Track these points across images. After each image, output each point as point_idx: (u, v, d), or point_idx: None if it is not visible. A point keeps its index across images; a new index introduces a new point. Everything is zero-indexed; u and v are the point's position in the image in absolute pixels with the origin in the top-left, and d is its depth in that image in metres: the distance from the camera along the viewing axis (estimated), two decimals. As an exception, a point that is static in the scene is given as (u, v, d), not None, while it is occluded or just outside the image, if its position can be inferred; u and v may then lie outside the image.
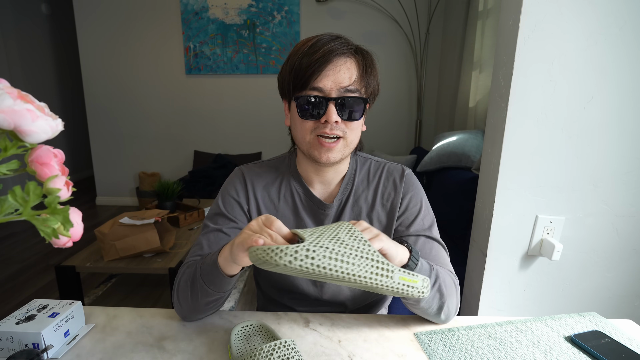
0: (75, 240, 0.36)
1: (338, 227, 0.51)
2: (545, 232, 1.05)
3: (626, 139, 0.98)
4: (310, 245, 0.44)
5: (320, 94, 0.65)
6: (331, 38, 0.66)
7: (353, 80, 0.66)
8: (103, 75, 3.55)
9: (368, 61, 0.69)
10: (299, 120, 0.68)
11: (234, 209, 0.76)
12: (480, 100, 2.40)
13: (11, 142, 0.31)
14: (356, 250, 0.47)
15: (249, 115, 3.61)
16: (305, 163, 0.76)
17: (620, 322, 0.73)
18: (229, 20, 3.38)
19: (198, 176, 3.21)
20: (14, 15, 3.75)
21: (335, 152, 0.68)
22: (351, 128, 0.68)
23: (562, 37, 0.93)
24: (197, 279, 0.64)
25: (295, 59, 0.66)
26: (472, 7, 2.57)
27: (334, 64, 0.64)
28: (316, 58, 0.64)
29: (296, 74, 0.65)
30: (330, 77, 0.64)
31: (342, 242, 0.47)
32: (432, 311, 0.66)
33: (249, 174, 0.78)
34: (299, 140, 0.71)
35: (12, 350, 0.58)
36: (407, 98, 3.49)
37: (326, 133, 0.66)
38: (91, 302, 2.00)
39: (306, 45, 0.66)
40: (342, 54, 0.65)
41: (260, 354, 0.54)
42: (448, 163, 2.08)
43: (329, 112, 0.65)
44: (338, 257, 0.45)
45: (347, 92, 0.66)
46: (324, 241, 0.46)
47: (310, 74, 0.64)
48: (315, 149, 0.68)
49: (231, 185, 0.78)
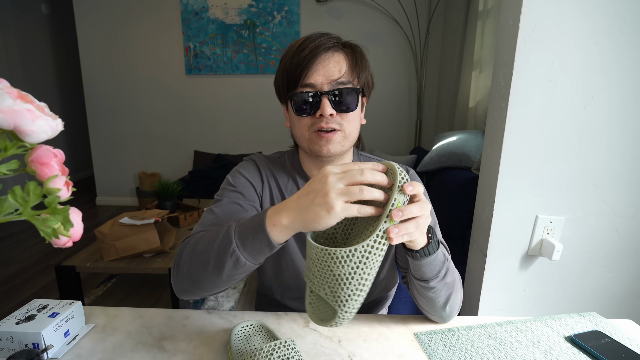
0: (75, 240, 0.36)
1: None
2: (545, 232, 1.05)
3: (626, 138, 0.98)
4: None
5: (313, 89, 0.66)
6: (318, 35, 0.68)
7: (343, 73, 0.67)
8: (103, 75, 3.55)
9: (357, 53, 0.70)
10: (295, 118, 0.69)
11: (246, 188, 0.74)
12: (480, 100, 2.40)
13: (11, 142, 0.31)
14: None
15: (249, 115, 3.61)
16: (308, 161, 0.77)
17: (620, 322, 0.72)
18: (229, 20, 3.38)
19: (198, 176, 3.21)
20: (14, 15, 3.75)
21: (335, 143, 0.68)
22: (347, 120, 0.69)
23: (562, 37, 0.93)
24: (225, 243, 0.54)
25: (286, 61, 0.67)
26: (472, 7, 2.57)
27: (322, 59, 0.66)
28: (304, 55, 0.65)
29: (288, 74, 0.67)
30: (320, 71, 0.65)
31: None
32: (439, 303, 0.65)
33: (262, 164, 0.79)
34: (299, 138, 0.72)
35: (12, 350, 0.58)
36: (407, 98, 3.49)
37: (323, 127, 0.67)
38: (91, 302, 2.00)
39: (294, 45, 0.68)
40: (329, 49, 0.66)
41: (260, 354, 0.54)
42: (448, 163, 2.08)
43: (322, 105, 0.65)
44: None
45: (339, 84, 0.67)
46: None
47: (300, 71, 0.65)
48: (315, 143, 0.69)
49: (244, 169, 0.77)
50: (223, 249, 0.54)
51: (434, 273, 0.61)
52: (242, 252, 0.53)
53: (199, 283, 0.59)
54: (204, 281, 0.58)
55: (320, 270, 0.48)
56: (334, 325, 0.49)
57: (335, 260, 0.46)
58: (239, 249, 0.53)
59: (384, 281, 0.82)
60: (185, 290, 0.62)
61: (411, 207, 0.47)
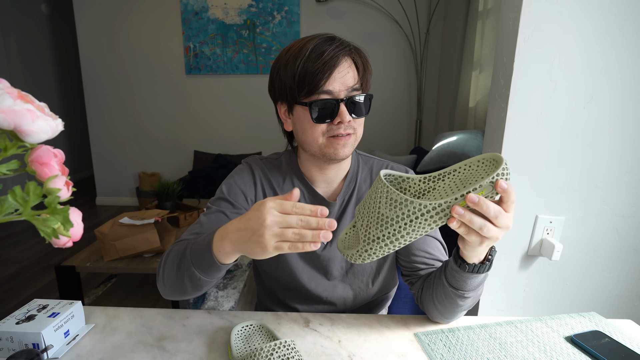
0: (75, 240, 0.36)
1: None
2: (545, 232, 1.05)
3: (626, 138, 0.98)
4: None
5: (331, 96, 0.66)
6: (328, 39, 0.67)
7: (357, 80, 0.69)
8: (103, 75, 3.55)
9: (363, 59, 0.71)
10: (310, 124, 0.68)
11: (237, 197, 0.76)
12: (480, 100, 2.40)
13: (11, 142, 0.31)
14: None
15: (249, 115, 3.61)
16: (309, 162, 0.76)
17: (620, 322, 0.73)
18: (229, 20, 3.37)
19: (198, 176, 3.21)
20: (14, 16, 3.75)
21: (349, 146, 0.70)
22: (359, 124, 0.71)
23: (562, 37, 0.93)
24: (185, 259, 0.61)
25: (298, 64, 0.66)
26: (472, 7, 2.57)
27: (341, 67, 0.66)
28: (323, 62, 0.65)
29: (302, 80, 0.66)
30: (338, 79, 0.66)
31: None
32: (462, 309, 0.66)
33: (256, 168, 0.79)
34: (309, 143, 0.71)
35: (12, 350, 0.58)
36: (407, 98, 3.49)
37: (340, 133, 0.68)
38: (91, 302, 2.00)
39: (305, 49, 0.66)
40: (344, 56, 0.67)
41: (260, 354, 0.54)
42: (448, 163, 2.08)
43: (341, 113, 0.66)
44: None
45: (354, 91, 0.68)
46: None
47: (319, 78, 0.65)
48: (331, 147, 0.69)
49: (239, 176, 0.78)
50: (183, 265, 0.61)
51: (474, 286, 0.61)
52: (196, 269, 0.59)
53: (175, 291, 0.65)
54: (178, 289, 0.64)
55: (371, 202, 0.49)
56: (349, 257, 0.52)
57: (389, 200, 0.46)
58: (193, 266, 0.59)
59: (384, 282, 0.82)
60: (166, 294, 0.68)
61: (490, 204, 0.45)
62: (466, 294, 0.62)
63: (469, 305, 0.66)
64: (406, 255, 0.76)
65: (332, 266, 0.78)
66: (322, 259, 0.77)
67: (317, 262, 0.77)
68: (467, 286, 0.61)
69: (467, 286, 0.61)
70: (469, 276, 0.59)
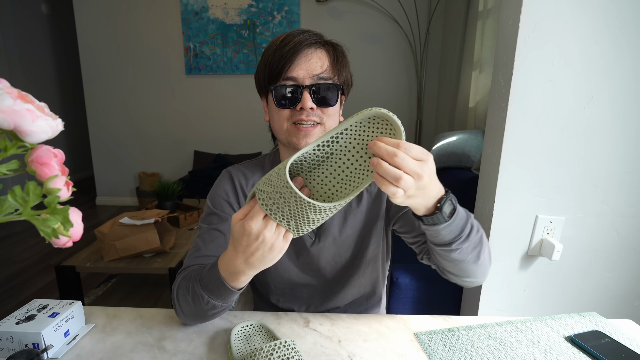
0: (75, 240, 0.36)
1: None
2: (545, 232, 1.05)
3: (626, 139, 0.98)
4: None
5: (294, 82, 0.67)
6: (300, 31, 0.69)
7: (325, 68, 0.69)
8: (103, 75, 3.55)
9: (338, 52, 0.72)
10: (275, 110, 0.70)
11: (224, 208, 0.77)
12: (480, 100, 2.40)
13: (11, 142, 0.31)
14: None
15: (249, 115, 3.61)
16: (286, 154, 0.77)
17: (620, 322, 0.72)
18: (229, 20, 3.37)
19: (198, 176, 3.21)
20: (14, 15, 3.75)
21: (313, 137, 0.69)
22: (328, 114, 0.70)
23: (562, 37, 0.93)
24: (200, 298, 0.61)
25: (269, 54, 0.69)
26: (472, 7, 2.57)
27: (305, 53, 0.67)
28: (287, 49, 0.67)
29: (270, 67, 0.68)
30: (302, 65, 0.67)
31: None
32: (468, 262, 0.63)
33: (236, 174, 0.80)
34: (277, 130, 0.72)
35: (12, 350, 0.58)
36: (407, 98, 3.49)
37: (302, 120, 0.68)
38: (91, 302, 2.00)
39: (277, 40, 0.69)
40: (311, 44, 0.68)
41: (260, 354, 0.54)
42: (448, 163, 2.08)
43: (303, 99, 0.67)
44: None
45: (320, 79, 0.68)
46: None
47: (283, 64, 0.66)
48: (294, 136, 0.69)
49: (220, 187, 0.79)
50: (198, 302, 0.62)
51: (453, 236, 0.58)
52: (215, 300, 0.61)
53: (200, 321, 0.69)
54: (203, 319, 0.68)
55: (290, 207, 0.47)
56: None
57: (311, 210, 0.46)
58: (211, 299, 0.60)
59: (361, 297, 0.83)
60: (187, 323, 0.69)
61: (382, 145, 0.44)
62: (453, 245, 0.59)
63: (474, 257, 0.62)
64: (407, 225, 0.75)
65: (322, 259, 0.79)
66: (311, 253, 0.78)
67: (307, 257, 0.79)
68: (444, 237, 0.58)
69: (444, 237, 0.58)
70: (435, 228, 0.56)
